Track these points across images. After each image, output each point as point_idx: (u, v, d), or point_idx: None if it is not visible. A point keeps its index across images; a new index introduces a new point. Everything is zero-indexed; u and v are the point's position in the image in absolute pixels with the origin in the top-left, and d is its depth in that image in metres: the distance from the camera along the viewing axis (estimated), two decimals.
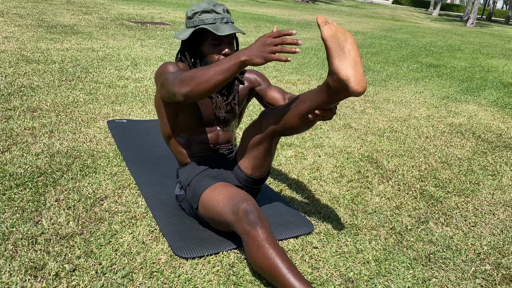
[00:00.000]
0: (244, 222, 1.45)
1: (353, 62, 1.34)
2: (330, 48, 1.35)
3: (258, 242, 1.41)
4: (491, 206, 2.26)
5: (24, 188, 1.90)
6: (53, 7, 8.27)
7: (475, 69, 6.92)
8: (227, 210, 1.52)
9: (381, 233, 1.88)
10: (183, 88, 1.46)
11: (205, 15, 1.67)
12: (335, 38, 1.34)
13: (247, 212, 1.46)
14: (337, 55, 1.34)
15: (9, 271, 1.39)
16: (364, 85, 1.35)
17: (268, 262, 1.38)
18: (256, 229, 1.43)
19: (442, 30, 15.74)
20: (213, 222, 1.65)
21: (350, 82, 1.33)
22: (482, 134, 3.49)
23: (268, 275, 1.39)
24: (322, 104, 1.46)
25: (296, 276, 1.35)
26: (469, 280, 1.63)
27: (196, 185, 1.71)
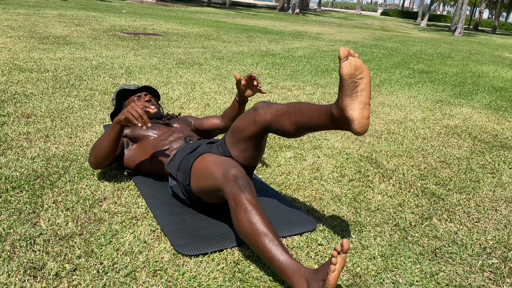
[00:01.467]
0: (233, 185, 1.45)
1: (362, 104, 1.35)
2: (344, 86, 1.35)
3: (245, 206, 1.41)
4: (493, 202, 2.25)
5: (20, 190, 1.85)
6: (44, 19, 8.25)
7: (466, 75, 6.99)
8: (217, 174, 1.51)
9: (386, 229, 1.86)
10: (90, 160, 1.94)
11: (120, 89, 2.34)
12: (352, 76, 1.34)
13: (236, 177, 1.46)
14: (349, 93, 1.35)
15: (7, 272, 1.35)
16: (366, 128, 1.38)
17: (253, 228, 1.38)
18: (244, 194, 1.43)
19: (431, 39, 15.95)
20: (204, 193, 1.64)
21: (354, 123, 1.35)
22: (478, 135, 3.51)
23: (251, 240, 1.38)
24: (323, 127, 1.47)
25: (279, 244, 1.36)
26: (477, 273, 1.61)
27: (185, 162, 1.74)
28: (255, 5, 26.20)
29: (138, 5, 15.76)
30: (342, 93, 1.36)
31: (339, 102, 1.37)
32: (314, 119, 1.47)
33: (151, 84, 4.00)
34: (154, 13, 13.14)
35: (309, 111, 1.48)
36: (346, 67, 1.33)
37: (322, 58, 7.24)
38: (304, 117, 1.49)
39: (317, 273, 1.27)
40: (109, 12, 11.39)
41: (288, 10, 24.20)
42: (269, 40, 9.09)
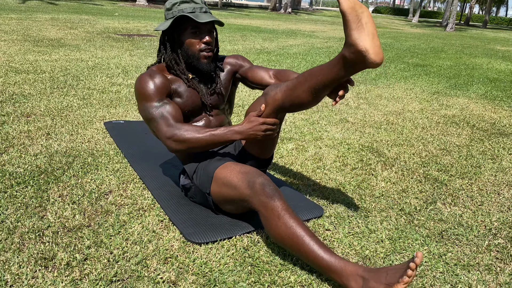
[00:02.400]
0: (261, 195, 1.43)
1: (371, 34, 1.33)
2: (349, 20, 1.33)
3: (278, 212, 1.39)
4: (495, 186, 2.27)
5: (25, 186, 1.84)
6: (37, 23, 8.21)
7: (461, 67, 7.04)
8: (243, 184, 1.49)
9: (391, 214, 1.87)
10: (177, 147, 1.63)
11: (184, 5, 1.69)
12: (354, 11, 1.33)
13: (263, 185, 1.45)
14: (355, 26, 1.33)
15: (18, 263, 1.34)
16: (382, 56, 1.34)
17: (291, 231, 1.36)
18: (274, 200, 1.41)
19: (424, 34, 16.03)
20: (225, 201, 1.61)
21: (369, 53, 1.32)
22: (476, 123, 3.53)
23: (291, 245, 1.37)
24: (338, 78, 1.43)
25: (319, 244, 1.34)
26: (484, 253, 1.62)
27: (205, 168, 1.68)
28: (247, 6, 26.22)
29: (130, 7, 15.74)
30: (348, 29, 1.34)
31: (348, 39, 1.35)
32: (327, 74, 1.44)
33: None
34: (146, 15, 13.12)
35: (320, 70, 1.47)
36: (346, 1, 1.33)
37: (317, 54, 7.26)
38: (317, 77, 1.47)
39: (378, 274, 1.25)
40: (102, 15, 11.36)
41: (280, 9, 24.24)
42: (263, 39, 9.10)
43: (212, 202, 1.68)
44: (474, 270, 1.51)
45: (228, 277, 1.36)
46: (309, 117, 3.30)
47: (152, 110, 1.65)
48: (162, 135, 1.63)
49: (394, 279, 1.20)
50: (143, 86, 1.67)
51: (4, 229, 1.51)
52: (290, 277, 1.38)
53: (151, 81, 1.67)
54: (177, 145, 1.61)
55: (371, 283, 1.24)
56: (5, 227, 1.53)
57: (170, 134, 1.61)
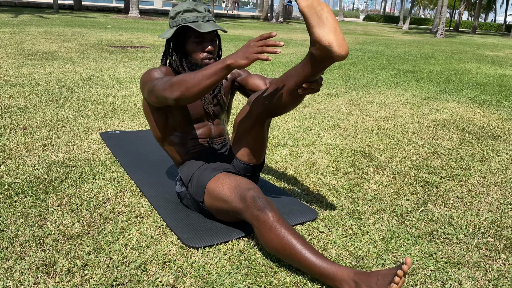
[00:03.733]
0: (253, 208, 1.47)
1: (333, 28, 1.37)
2: (309, 17, 1.37)
3: (269, 224, 1.43)
4: (484, 187, 2.33)
5: (24, 196, 1.88)
6: (30, 37, 8.25)
7: (451, 73, 7.15)
8: (235, 198, 1.54)
9: (383, 216, 1.92)
10: (174, 93, 1.52)
11: (187, 14, 1.73)
12: (312, 8, 1.38)
13: (254, 198, 1.49)
14: (316, 23, 1.37)
15: (20, 270, 1.37)
16: (346, 48, 1.37)
17: (283, 242, 1.40)
18: (266, 213, 1.45)
19: (414, 41, 16.23)
20: (219, 213, 1.66)
21: (333, 46, 1.35)
22: (465, 127, 3.60)
23: (284, 254, 1.41)
24: (309, 76, 1.49)
25: (312, 251, 1.38)
26: (473, 251, 1.67)
27: (199, 178, 1.72)
28: (239, 16, 26.43)
29: (123, 19, 15.82)
30: (310, 27, 1.38)
31: (312, 37, 1.39)
32: (300, 75, 1.50)
33: None
34: (139, 27, 13.20)
35: (294, 71, 1.53)
36: (304, 0, 1.38)
37: None
38: (292, 79, 1.52)
39: (369, 278, 1.29)
40: (95, 28, 11.43)
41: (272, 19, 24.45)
42: None
43: (206, 210, 1.72)
44: (464, 267, 1.56)
45: (225, 279, 1.40)
46: (302, 124, 3.36)
47: (152, 82, 1.65)
48: (161, 90, 1.57)
49: (384, 285, 1.25)
50: (149, 74, 1.72)
51: (5, 238, 1.55)
52: (286, 278, 1.42)
53: (158, 70, 1.74)
54: (176, 91, 1.51)
55: (362, 287, 1.28)
56: (5, 236, 1.56)
57: (167, 84, 1.55)
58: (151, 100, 1.67)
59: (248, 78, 1.90)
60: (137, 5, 17.45)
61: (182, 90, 1.50)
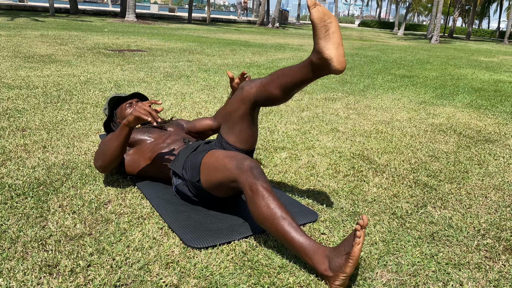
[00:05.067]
0: (249, 175, 1.52)
1: (336, 44, 1.47)
2: (317, 29, 1.46)
3: (262, 193, 1.48)
4: (483, 190, 2.35)
5: (25, 197, 1.87)
6: (27, 40, 8.23)
7: (446, 78, 7.21)
8: (231, 166, 1.58)
9: (384, 218, 1.93)
10: (98, 163, 1.94)
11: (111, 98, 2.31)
12: (322, 20, 1.47)
13: (251, 167, 1.54)
14: (322, 36, 1.46)
15: (23, 270, 1.37)
16: (344, 65, 1.48)
17: (272, 212, 1.45)
18: (260, 182, 1.51)
19: (409, 47, 16.34)
20: (215, 187, 1.69)
21: (333, 61, 1.46)
22: (462, 131, 3.63)
23: (270, 224, 1.46)
24: (305, 79, 1.57)
25: (296, 227, 1.44)
26: (474, 252, 1.69)
27: (192, 161, 1.79)
28: (235, 21, 26.50)
29: (119, 23, 15.81)
30: (316, 37, 1.47)
31: (316, 46, 1.48)
32: (296, 75, 1.58)
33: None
34: (136, 31, 13.21)
35: (291, 70, 1.60)
36: (316, 12, 1.46)
37: None
38: (287, 77, 1.60)
39: (338, 249, 1.36)
40: (91, 31, 11.42)
41: (268, 24, 24.53)
42: (252, 53, 9.22)
43: (203, 189, 1.75)
44: (465, 268, 1.57)
45: (229, 280, 1.40)
46: (300, 127, 3.37)
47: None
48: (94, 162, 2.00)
49: (349, 247, 1.32)
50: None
51: (7, 239, 1.54)
52: (289, 278, 1.43)
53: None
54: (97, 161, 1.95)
55: (335, 260, 1.35)
56: (7, 236, 1.56)
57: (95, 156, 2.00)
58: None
59: (194, 124, 2.32)
60: (134, 9, 17.47)
61: (102, 159, 1.91)
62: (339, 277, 1.34)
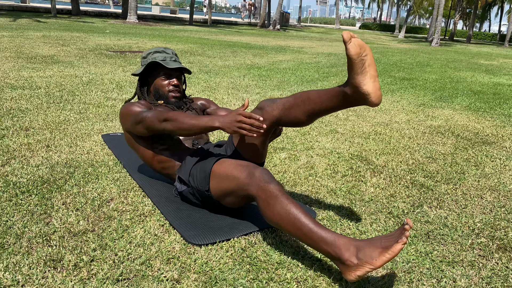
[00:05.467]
0: (260, 180, 1.54)
1: (372, 78, 1.47)
2: (355, 64, 1.45)
3: (275, 193, 1.50)
4: (478, 191, 2.39)
5: (29, 194, 1.91)
6: (29, 41, 8.29)
7: (446, 80, 7.25)
8: (242, 174, 1.60)
9: (380, 217, 1.97)
10: (168, 127, 1.76)
11: (157, 54, 2.08)
12: (359, 56, 1.45)
13: (262, 174, 1.57)
14: (360, 71, 1.46)
15: (28, 264, 1.41)
16: (381, 99, 1.50)
17: (286, 209, 1.47)
18: (272, 184, 1.53)
19: (410, 49, 16.39)
20: (225, 194, 1.69)
21: (370, 96, 1.47)
22: (460, 133, 3.67)
23: (286, 221, 1.47)
24: (336, 108, 1.58)
25: (311, 220, 1.46)
26: (468, 251, 1.73)
27: (201, 168, 1.79)
28: (236, 23, 26.58)
29: (121, 25, 15.88)
30: (353, 72, 1.46)
31: (352, 81, 1.47)
32: (326, 104, 1.58)
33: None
34: (137, 32, 13.27)
35: (318, 97, 1.59)
36: (353, 47, 1.44)
37: (306, 69, 7.43)
38: (315, 104, 1.60)
39: (373, 241, 1.36)
40: (93, 33, 11.48)
41: (269, 26, 24.60)
42: (253, 54, 9.27)
43: (213, 198, 1.76)
44: (458, 266, 1.61)
45: (228, 275, 1.44)
46: (300, 129, 3.41)
47: (139, 114, 1.88)
48: (154, 118, 1.79)
49: (391, 242, 1.32)
50: (128, 109, 1.95)
51: (12, 234, 1.58)
52: (287, 274, 1.47)
53: (135, 105, 1.96)
54: (168, 123, 1.75)
55: (367, 250, 1.35)
56: (13, 232, 1.60)
57: (161, 116, 1.77)
58: (138, 130, 1.92)
59: (216, 111, 2.20)
60: (135, 11, 17.54)
61: (175, 128, 1.75)
62: (364, 267, 1.33)
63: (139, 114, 1.88)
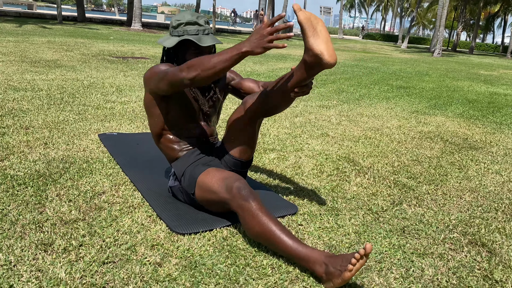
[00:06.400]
0: (238, 197, 1.62)
1: (325, 39, 1.57)
2: (306, 28, 1.57)
3: (252, 212, 1.58)
4: (459, 191, 2.47)
5: (26, 186, 2.02)
6: (34, 46, 8.46)
7: (442, 89, 7.34)
8: (222, 189, 1.69)
9: (360, 213, 2.06)
10: (191, 73, 1.62)
11: (189, 26, 1.86)
12: (309, 21, 1.58)
13: (239, 189, 1.64)
14: (311, 34, 1.57)
15: (20, 247, 1.51)
16: (335, 58, 1.56)
17: (263, 227, 1.55)
18: (249, 202, 1.60)
19: (411, 59, 16.52)
20: (208, 203, 1.80)
21: (324, 55, 1.55)
22: (449, 138, 3.76)
23: (264, 239, 1.55)
24: (300, 80, 1.68)
25: (289, 235, 1.53)
26: (439, 244, 1.81)
27: (191, 172, 1.87)
28: (240, 31, 26.84)
29: (125, 32, 16.11)
30: (306, 37, 1.58)
31: (307, 45, 1.58)
32: (293, 79, 1.68)
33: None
34: (141, 39, 13.47)
35: (288, 75, 1.71)
36: (302, 14, 1.58)
37: None
38: (285, 81, 1.71)
39: (336, 260, 1.43)
40: (97, 39, 11.67)
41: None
42: (253, 62, 9.40)
43: (197, 202, 1.87)
44: (428, 257, 1.70)
45: (207, 260, 1.54)
46: (292, 131, 3.52)
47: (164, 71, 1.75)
48: (176, 71, 1.67)
49: (345, 266, 1.39)
50: (156, 67, 1.80)
51: (7, 221, 1.68)
52: (263, 261, 1.56)
53: (161, 65, 1.82)
54: (193, 71, 1.61)
55: (330, 268, 1.43)
56: (8, 219, 1.70)
57: (183, 66, 1.65)
58: (160, 87, 1.77)
59: (242, 82, 2.06)
60: (140, 18, 17.77)
61: (199, 71, 1.60)
62: (330, 283, 1.43)
63: (163, 71, 1.76)
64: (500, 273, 1.63)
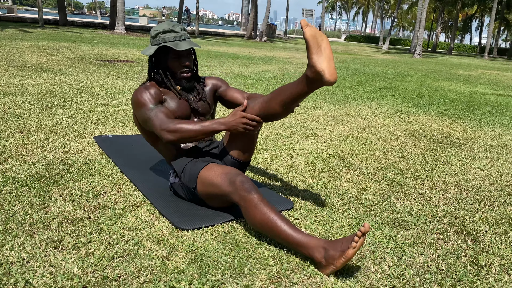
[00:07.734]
0: (241, 190, 1.71)
1: (328, 58, 1.65)
2: (310, 45, 1.64)
3: (254, 203, 1.67)
4: (444, 186, 2.60)
5: (28, 188, 2.07)
6: (18, 50, 8.39)
7: (424, 89, 7.55)
8: (225, 182, 1.77)
9: (352, 207, 2.17)
10: (170, 137, 1.85)
11: (166, 34, 2.00)
12: (315, 38, 1.65)
13: (243, 182, 1.73)
14: (315, 51, 1.64)
15: (31, 245, 1.57)
16: (335, 77, 1.66)
17: (265, 217, 1.64)
18: (252, 194, 1.69)
19: (392, 60, 16.83)
20: (209, 197, 1.88)
21: (325, 74, 1.63)
22: (433, 136, 3.91)
23: (266, 228, 1.64)
24: (302, 93, 1.75)
25: (289, 225, 1.62)
26: (428, 234, 1.92)
27: (192, 168, 1.95)
28: (224, 34, 26.91)
29: (108, 35, 16.03)
30: (310, 53, 1.65)
31: (310, 62, 1.65)
32: (294, 90, 1.76)
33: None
34: (125, 42, 13.43)
35: (289, 86, 1.78)
36: (309, 30, 1.65)
37: (291, 79, 7.66)
38: (286, 93, 1.78)
39: (335, 244, 1.53)
40: (81, 43, 11.61)
41: (256, 37, 24.98)
42: (239, 64, 9.49)
43: (199, 196, 1.94)
44: (418, 246, 1.81)
45: (212, 253, 1.62)
46: (282, 132, 3.61)
47: (148, 112, 1.92)
48: (158, 128, 1.87)
49: (346, 246, 1.49)
50: (140, 96, 1.95)
51: (14, 221, 1.74)
52: (265, 252, 1.65)
53: (147, 91, 1.96)
54: (171, 135, 1.84)
55: (330, 252, 1.52)
56: (15, 219, 1.75)
57: (164, 126, 1.86)
58: (145, 125, 1.95)
59: (227, 91, 2.19)
60: (123, 22, 17.70)
61: (177, 137, 1.85)
62: (330, 267, 1.52)
63: (147, 112, 1.91)
64: (484, 258, 1.75)
